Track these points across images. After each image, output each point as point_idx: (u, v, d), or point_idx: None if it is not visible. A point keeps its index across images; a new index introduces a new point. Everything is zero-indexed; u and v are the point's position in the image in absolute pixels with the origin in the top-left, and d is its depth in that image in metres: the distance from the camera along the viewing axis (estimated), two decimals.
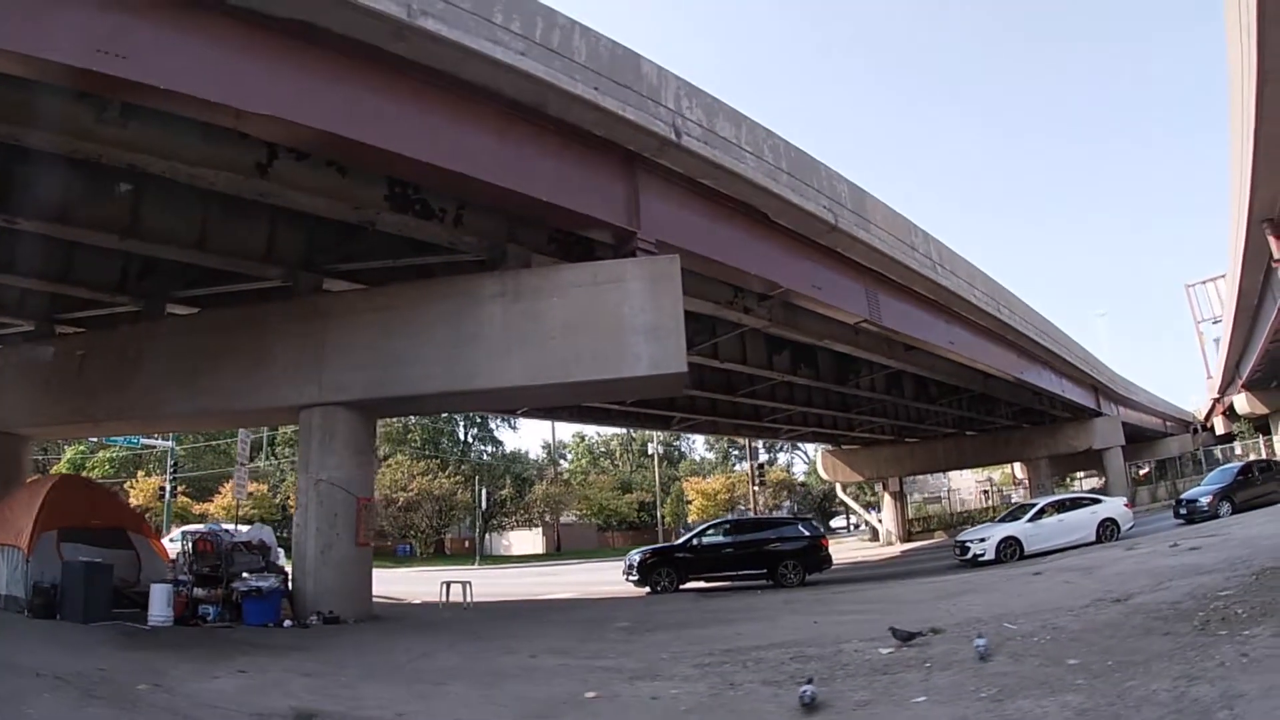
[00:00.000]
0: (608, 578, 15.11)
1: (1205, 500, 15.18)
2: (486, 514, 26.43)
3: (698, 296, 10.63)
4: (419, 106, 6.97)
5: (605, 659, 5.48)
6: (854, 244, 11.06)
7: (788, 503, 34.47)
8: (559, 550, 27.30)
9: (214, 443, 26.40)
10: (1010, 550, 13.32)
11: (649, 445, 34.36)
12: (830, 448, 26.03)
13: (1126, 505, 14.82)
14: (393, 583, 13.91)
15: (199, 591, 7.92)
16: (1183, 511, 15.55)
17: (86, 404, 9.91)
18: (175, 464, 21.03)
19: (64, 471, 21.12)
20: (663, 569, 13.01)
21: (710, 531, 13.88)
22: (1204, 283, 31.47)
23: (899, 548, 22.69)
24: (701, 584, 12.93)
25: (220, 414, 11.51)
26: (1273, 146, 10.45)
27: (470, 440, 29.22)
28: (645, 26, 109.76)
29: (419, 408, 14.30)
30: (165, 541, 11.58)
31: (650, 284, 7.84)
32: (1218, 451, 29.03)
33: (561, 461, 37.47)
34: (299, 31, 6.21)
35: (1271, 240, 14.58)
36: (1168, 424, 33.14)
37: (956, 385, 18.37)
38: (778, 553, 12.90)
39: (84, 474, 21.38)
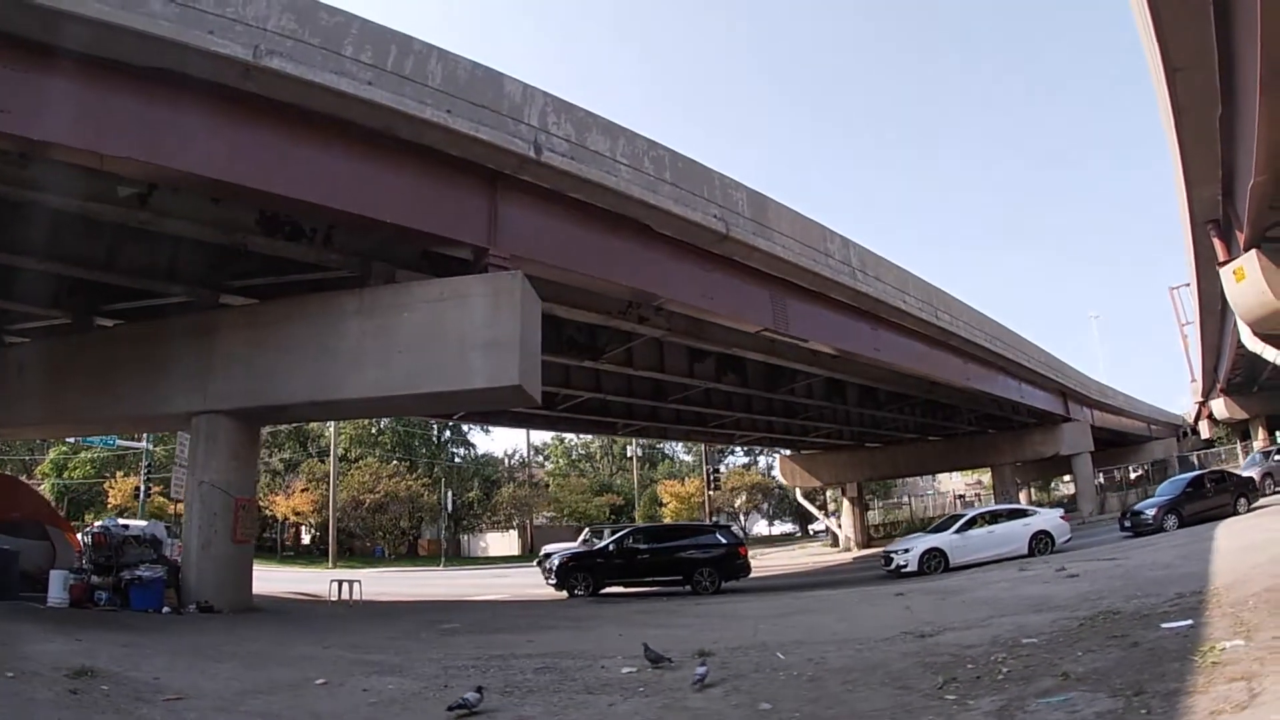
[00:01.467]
0: None
1: (1150, 513, 14.61)
2: (455, 516, 26.77)
3: (585, 307, 10.68)
4: (273, 139, 7.31)
5: (382, 654, 5.76)
6: (752, 252, 10.92)
7: (765, 505, 34.18)
8: (532, 552, 27.53)
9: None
10: (935, 562, 13.00)
11: (628, 448, 34.40)
12: (789, 453, 25.71)
13: (1063, 518, 14.26)
14: (382, 582, 14.54)
15: (95, 579, 8.56)
16: (1128, 524, 14.99)
17: (27, 409, 10.53)
18: (150, 464, 21.83)
19: (45, 471, 22.18)
20: (579, 574, 13.03)
21: (629, 538, 13.83)
22: (1186, 285, 30.28)
23: (855, 554, 22.29)
24: (620, 589, 12.94)
25: (132, 419, 12.27)
26: (1196, 143, 10.06)
27: (439, 442, 29.58)
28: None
29: (292, 416, 14.64)
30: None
31: (492, 300, 7.89)
32: (1193, 457, 27.90)
33: (544, 464, 37.78)
34: (159, 77, 6.59)
35: (1216, 243, 14.02)
36: (1153, 428, 32.04)
37: (903, 392, 17.98)
38: (693, 560, 12.82)
39: (65, 474, 22.33)
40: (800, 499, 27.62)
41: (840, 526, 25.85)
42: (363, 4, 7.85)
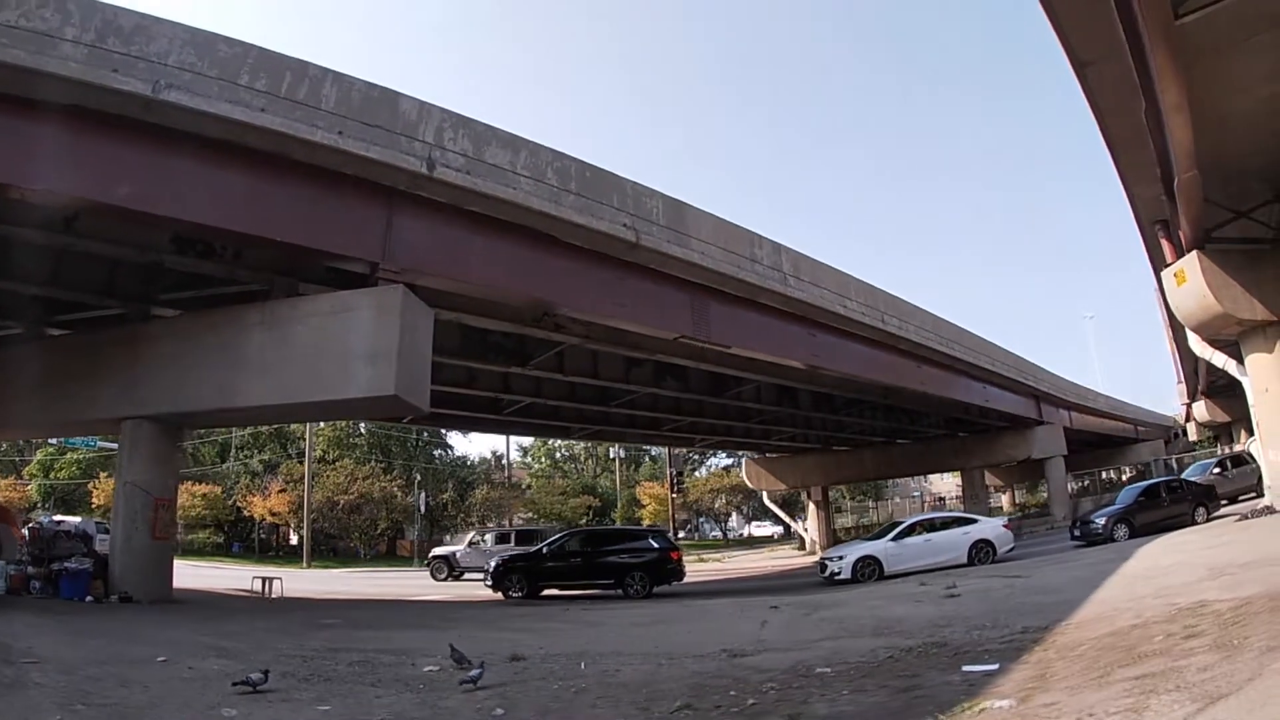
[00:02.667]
0: None
1: (1100, 522, 14.29)
2: (431, 517, 27.24)
3: (498, 316, 10.90)
4: (178, 166, 7.75)
5: (239, 642, 6.31)
6: (668, 260, 11.01)
7: (745, 507, 34.11)
8: None
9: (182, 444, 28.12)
10: (868, 570, 12.91)
11: (611, 450, 34.54)
12: (754, 456, 25.63)
13: (1006, 526, 14.06)
14: (323, 581, 15.18)
15: (32, 570, 9.36)
16: (1077, 533, 14.67)
17: None
18: None
19: (33, 471, 23.19)
20: (514, 576, 13.27)
21: (564, 542, 14.01)
22: None
23: (818, 557, 22.14)
24: (556, 591, 13.12)
25: (73, 424, 12.92)
26: (1125, 140, 9.89)
27: (417, 444, 30.08)
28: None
29: (204, 422, 15.13)
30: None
31: (375, 313, 8.15)
32: (1172, 461, 27.17)
33: (530, 465, 38.16)
34: (75, 112, 7.05)
35: (1165, 244, 13.70)
36: (1140, 429, 31.29)
37: (857, 397, 17.86)
38: (626, 565, 12.98)
39: (52, 474, 23.27)
40: (767, 502, 27.53)
41: (806, 530, 25.69)
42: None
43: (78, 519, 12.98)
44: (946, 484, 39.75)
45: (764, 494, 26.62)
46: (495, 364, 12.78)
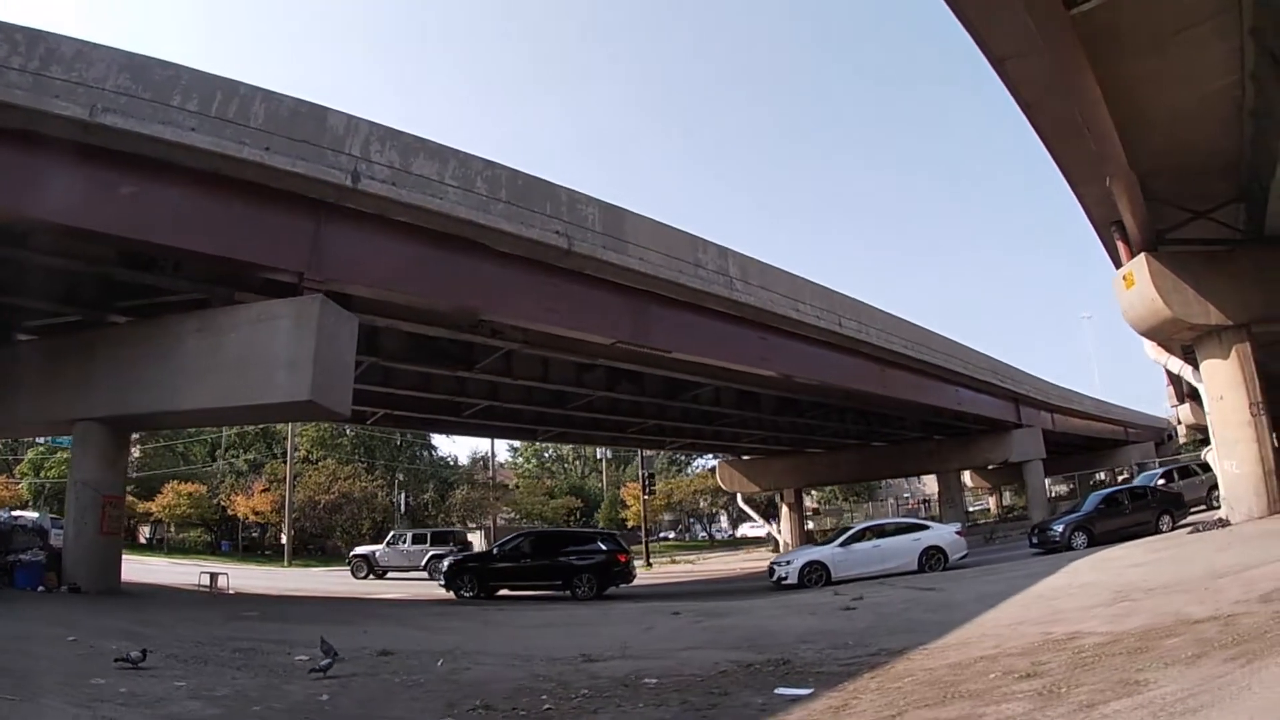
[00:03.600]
0: None
1: (1058, 530, 14.24)
2: (413, 516, 27.76)
3: (431, 323, 11.21)
4: (118, 184, 8.20)
5: (154, 629, 6.93)
6: (603, 265, 11.25)
7: (730, 508, 34.22)
8: None
9: (171, 443, 29.05)
10: (815, 576, 13.01)
11: (598, 451, 34.81)
12: (728, 458, 25.75)
13: (959, 534, 13.94)
14: (293, 579, 16.11)
15: None
16: (1035, 540, 14.61)
17: None
18: None
19: (24, 470, 24.22)
20: (465, 577, 13.64)
21: (515, 543, 14.33)
22: None
23: None
24: (508, 591, 13.44)
25: (35, 424, 13.60)
26: (1061, 138, 9.85)
27: (400, 445, 30.64)
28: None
29: (147, 424, 15.69)
30: None
31: (295, 322, 8.52)
32: (1155, 464, 26.75)
33: (519, 466, 38.64)
34: (22, 135, 7.57)
35: (1120, 246, 13.60)
36: (1130, 431, 30.88)
37: (820, 400, 17.94)
38: (574, 566, 13.27)
39: (43, 473, 24.21)
40: (742, 504, 27.65)
41: (780, 532, 25.77)
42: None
43: (35, 514, 13.63)
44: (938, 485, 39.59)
45: (739, 496, 26.75)
46: (443, 368, 13.12)
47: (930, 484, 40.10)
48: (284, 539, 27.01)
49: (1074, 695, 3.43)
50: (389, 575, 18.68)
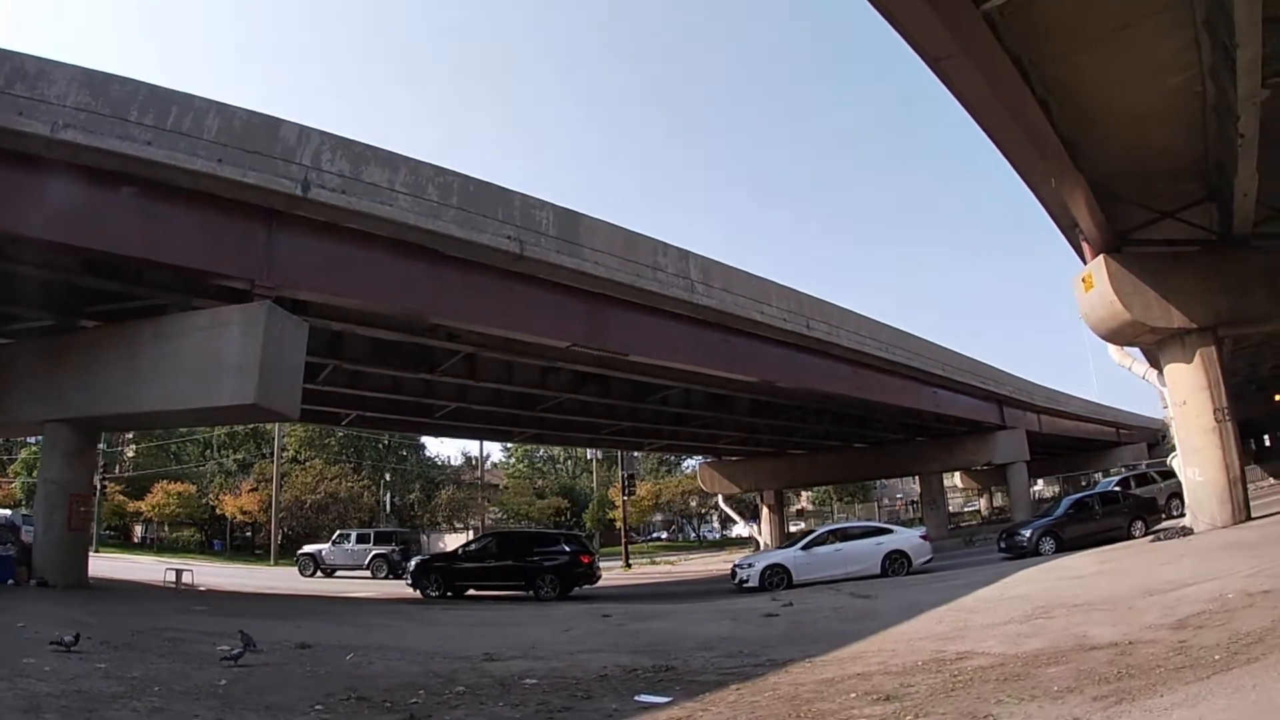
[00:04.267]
0: None
1: (1026, 535, 14.21)
2: (400, 516, 28.30)
3: (386, 327, 11.56)
4: (81, 197, 8.61)
5: (103, 618, 7.31)
6: (557, 269, 11.53)
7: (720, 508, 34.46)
8: None
9: (165, 443, 29.78)
10: (776, 579, 13.11)
11: (589, 452, 35.13)
12: (710, 459, 25.95)
13: (924, 538, 14.04)
14: (270, 578, 16.84)
15: None
16: (1003, 545, 14.62)
17: None
18: (104, 464, 24.28)
19: (17, 470, 25.05)
20: (432, 576, 14.00)
21: (481, 544, 14.65)
22: None
23: None
24: (476, 591, 13.77)
25: (9, 426, 14.15)
26: (1010, 137, 9.83)
27: (388, 445, 31.18)
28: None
29: (112, 425, 16.31)
30: None
31: (244, 328, 8.90)
32: (1143, 465, 26.59)
33: (507, 466, 39.14)
34: None
35: (1085, 246, 13.62)
36: (1122, 432, 30.73)
37: (792, 404, 18.10)
38: (537, 567, 13.56)
39: (34, 472, 24.99)
40: (723, 505, 27.82)
41: (760, 533, 25.94)
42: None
43: (8, 511, 14.20)
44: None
45: (720, 497, 26.94)
46: (406, 370, 13.48)
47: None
48: (279, 539, 27.64)
49: None
50: (337, 574, 19.34)
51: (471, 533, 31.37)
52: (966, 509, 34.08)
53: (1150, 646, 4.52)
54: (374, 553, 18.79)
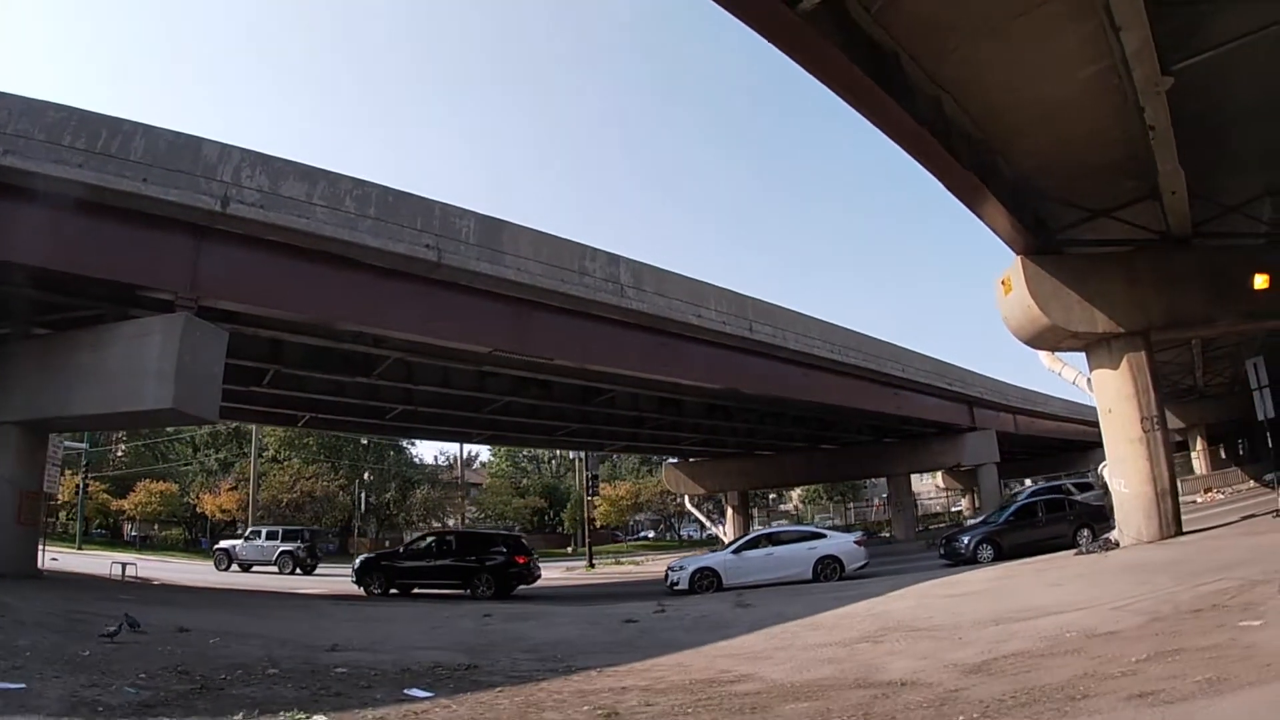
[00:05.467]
0: None
1: (965, 542, 14.41)
2: (378, 515, 29.54)
3: (312, 334, 12.46)
4: (24, 217, 9.53)
5: (20, 601, 7.97)
6: (476, 276, 12.28)
7: (704, 506, 35.03)
8: None
9: (153, 442, 31.41)
10: (706, 582, 13.62)
11: (571, 453, 36.01)
12: (675, 460, 26.52)
13: (857, 543, 14.42)
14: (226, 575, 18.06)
15: None
16: (943, 551, 14.90)
17: None
18: (88, 464, 25.92)
19: None
20: (374, 574, 14.91)
21: (423, 543, 15.54)
22: None
23: None
24: (419, 589, 14.67)
25: None
26: (903, 134, 9.49)
27: (367, 445, 32.41)
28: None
29: (55, 427, 17.15)
30: None
31: (164, 337, 9.84)
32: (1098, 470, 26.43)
33: (491, 465, 40.29)
34: None
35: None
36: None
37: (744, 406, 18.64)
38: (473, 567, 14.41)
39: None
40: (689, 506, 28.40)
41: (726, 534, 26.48)
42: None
43: None
44: (925, 484, 39.57)
45: (686, 498, 27.54)
46: (343, 374, 14.39)
47: (916, 482, 40.11)
48: None
49: None
50: (253, 568, 20.83)
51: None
52: (953, 509, 34.17)
53: (921, 691, 4.41)
54: (281, 549, 20.35)
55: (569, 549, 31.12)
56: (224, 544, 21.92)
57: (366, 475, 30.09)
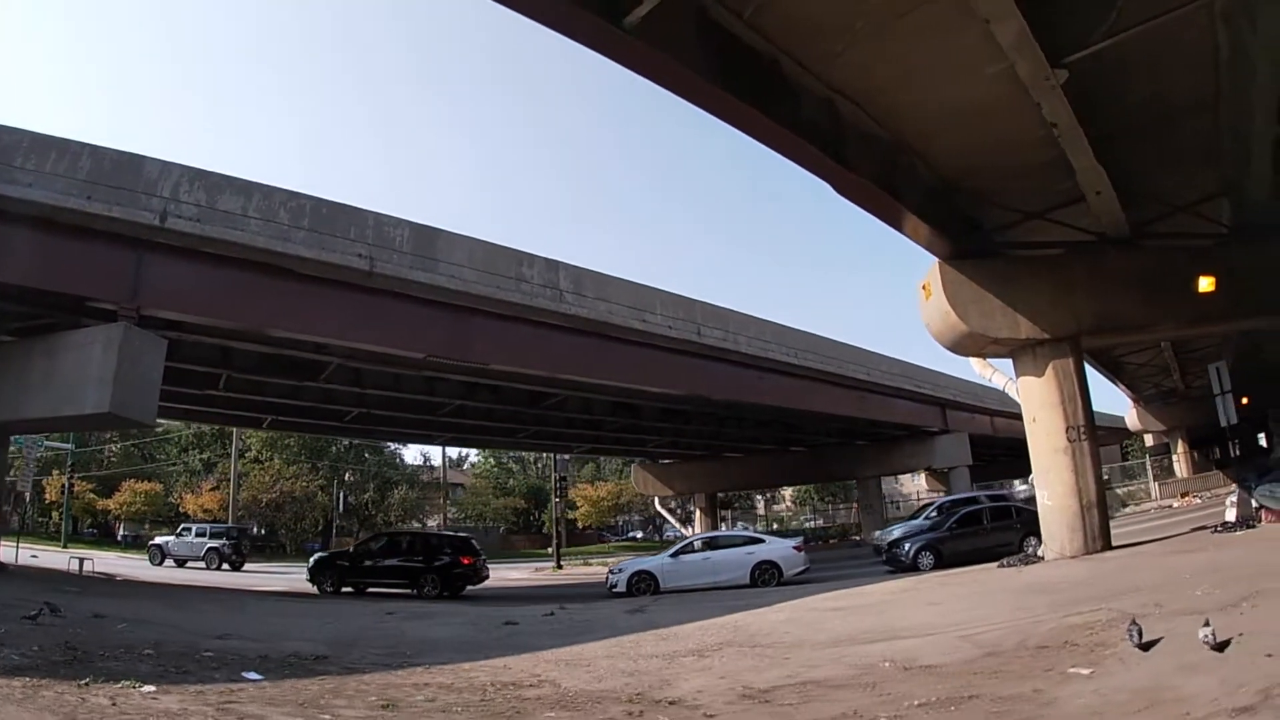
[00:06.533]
0: None
1: (906, 548, 14.64)
2: (357, 515, 30.78)
3: (255, 341, 13.40)
4: None
5: None
6: (409, 284, 13.12)
7: (687, 507, 35.76)
8: None
9: (142, 442, 33.05)
10: (644, 585, 14.21)
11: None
12: (644, 461, 27.20)
13: (797, 549, 14.88)
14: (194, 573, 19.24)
15: None
16: (885, 558, 15.27)
17: None
18: (73, 464, 27.55)
19: None
20: (327, 572, 15.91)
21: (375, 544, 16.50)
22: None
23: None
24: (374, 589, 15.62)
25: None
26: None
27: (348, 446, 33.64)
28: None
29: (13, 430, 18.50)
30: None
31: (105, 346, 10.86)
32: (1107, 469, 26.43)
33: (478, 465, 41.44)
34: None
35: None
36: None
37: (699, 410, 19.26)
38: (420, 568, 15.33)
39: (12, 472, 28.46)
40: (659, 507, 29.08)
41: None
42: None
43: None
44: (918, 484, 39.71)
45: (655, 499, 28.23)
46: (292, 379, 15.38)
47: (907, 483, 40.29)
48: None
49: None
50: (187, 564, 22.29)
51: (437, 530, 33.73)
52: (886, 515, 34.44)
53: (678, 713, 4.62)
54: (208, 545, 21.82)
55: (549, 549, 32.12)
56: (158, 540, 23.49)
57: (348, 476, 31.37)
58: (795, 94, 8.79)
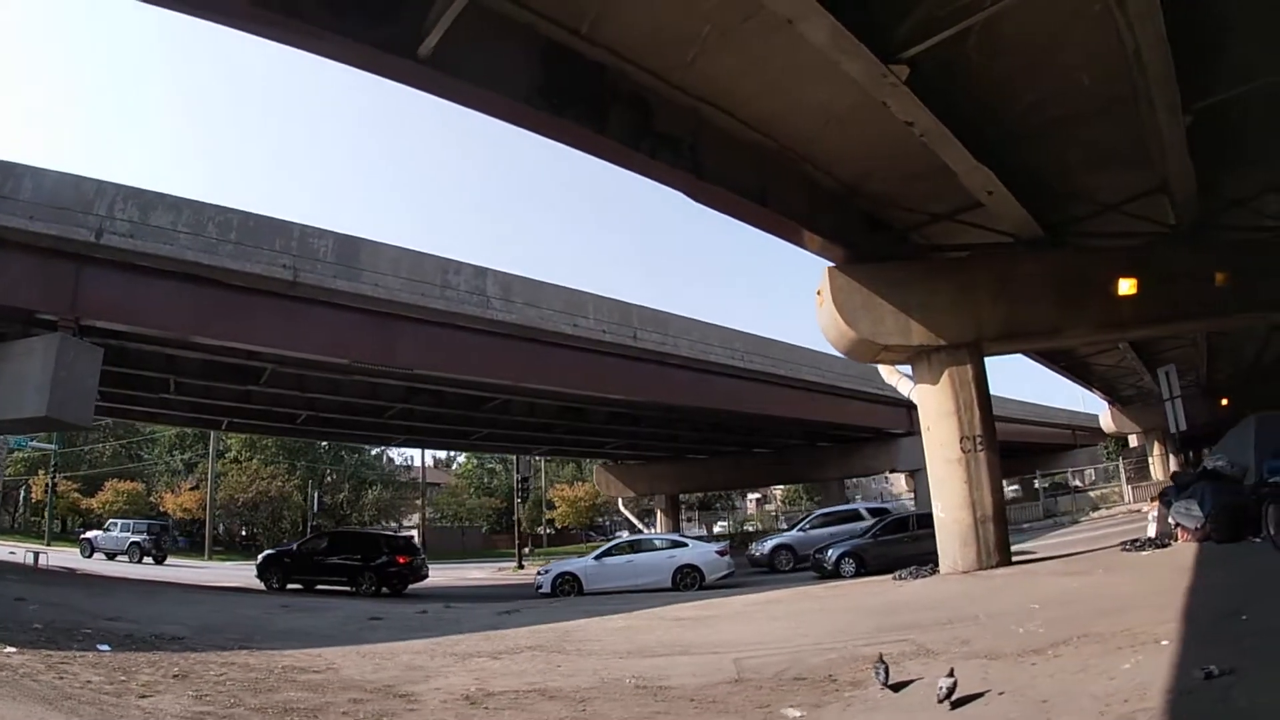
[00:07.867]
0: None
1: (830, 555, 15.28)
2: (332, 515, 32.59)
3: (194, 349, 14.90)
4: None
5: None
6: (334, 293, 14.44)
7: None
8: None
9: (128, 442, 35.44)
10: (568, 586, 15.25)
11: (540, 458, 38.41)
12: (607, 462, 28.24)
13: (720, 553, 15.66)
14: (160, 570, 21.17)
15: None
16: (812, 564, 15.92)
17: None
18: (56, 464, 29.95)
19: None
20: (273, 569, 17.43)
21: (318, 543, 17.97)
22: None
23: None
24: (321, 586, 17.08)
25: None
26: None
27: (328, 448, 35.42)
28: None
29: None
30: None
31: (44, 354, 12.38)
32: (1091, 471, 26.68)
33: (459, 467, 43.11)
34: None
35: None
36: (1079, 435, 30.85)
37: (647, 413, 20.27)
38: (357, 566, 16.72)
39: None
40: (623, 509, 30.10)
41: None
42: None
43: None
44: (904, 485, 40.33)
45: (619, 500, 29.28)
46: (235, 383, 16.88)
47: (898, 482, 40.63)
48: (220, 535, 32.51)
49: None
50: (116, 557, 24.17)
51: (418, 530, 35.39)
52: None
53: (387, 703, 5.09)
54: (130, 540, 23.78)
55: (526, 549, 33.57)
56: (88, 534, 25.55)
57: (327, 476, 33.20)
58: (646, 106, 9.10)
